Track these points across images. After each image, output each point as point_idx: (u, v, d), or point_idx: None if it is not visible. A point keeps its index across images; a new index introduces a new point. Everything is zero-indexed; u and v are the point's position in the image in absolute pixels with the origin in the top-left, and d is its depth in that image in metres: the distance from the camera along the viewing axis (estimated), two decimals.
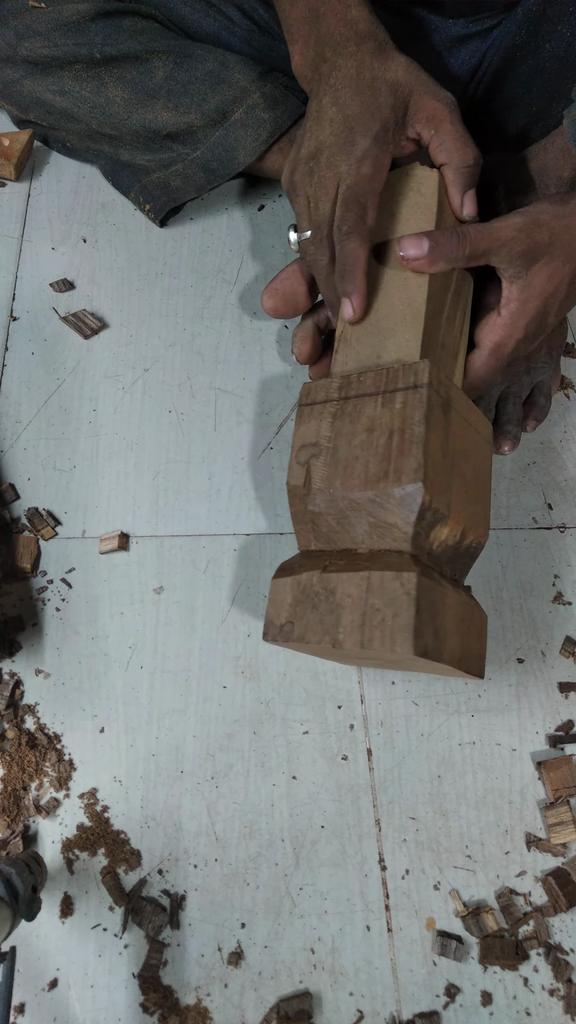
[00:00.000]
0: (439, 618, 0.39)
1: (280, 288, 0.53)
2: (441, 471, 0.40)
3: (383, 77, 0.47)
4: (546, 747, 0.51)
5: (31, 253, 0.71)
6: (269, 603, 0.44)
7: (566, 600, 0.56)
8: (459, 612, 0.40)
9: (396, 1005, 0.43)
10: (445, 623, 0.39)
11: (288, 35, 0.53)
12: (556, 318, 0.50)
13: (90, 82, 0.65)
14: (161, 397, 0.63)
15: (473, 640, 0.41)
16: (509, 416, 0.58)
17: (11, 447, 0.60)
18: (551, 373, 0.60)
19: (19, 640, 0.53)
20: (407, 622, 0.37)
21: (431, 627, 0.38)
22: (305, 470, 0.45)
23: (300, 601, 0.42)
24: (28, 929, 0.44)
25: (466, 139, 0.47)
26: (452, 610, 0.40)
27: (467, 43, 0.60)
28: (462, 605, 0.41)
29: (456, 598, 0.40)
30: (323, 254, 0.49)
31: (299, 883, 0.46)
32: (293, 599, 0.43)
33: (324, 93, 0.48)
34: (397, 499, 0.39)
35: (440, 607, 0.39)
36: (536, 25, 0.54)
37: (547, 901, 0.46)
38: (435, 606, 0.38)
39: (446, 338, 0.47)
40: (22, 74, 0.67)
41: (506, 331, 0.48)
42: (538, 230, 0.45)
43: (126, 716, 0.51)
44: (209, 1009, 0.43)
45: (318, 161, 0.48)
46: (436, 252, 0.44)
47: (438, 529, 0.40)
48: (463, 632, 0.40)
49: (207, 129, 0.65)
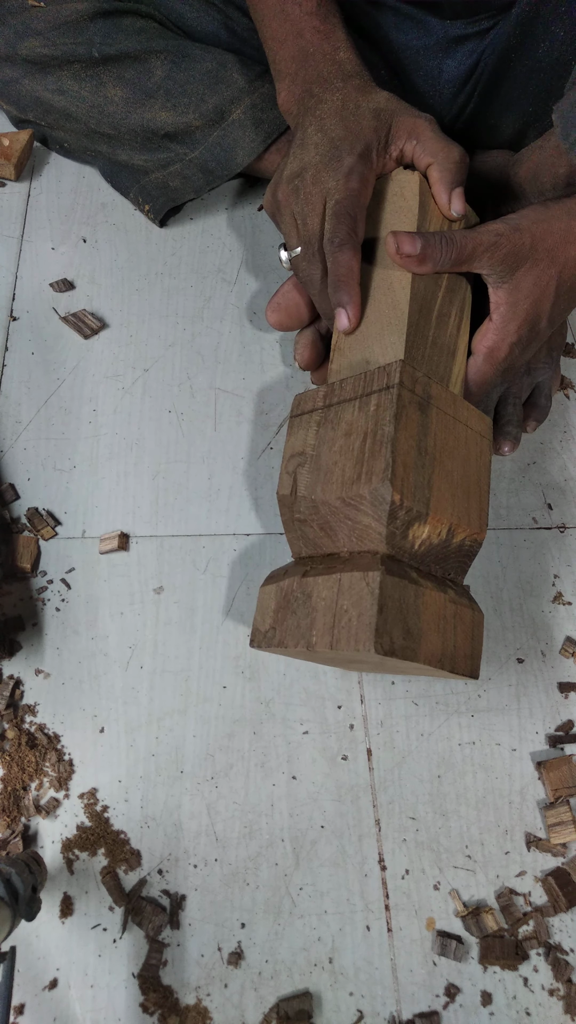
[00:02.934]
0: (410, 616, 0.38)
1: (282, 303, 0.54)
2: (414, 469, 0.40)
3: (366, 106, 0.49)
4: (546, 747, 0.51)
5: (31, 253, 0.71)
6: (256, 610, 0.45)
7: (566, 600, 0.56)
8: (440, 610, 0.40)
9: (396, 1005, 0.43)
10: (420, 622, 0.39)
11: (276, 73, 0.54)
12: (550, 323, 0.50)
13: (89, 81, 0.65)
14: (161, 397, 0.63)
15: (460, 639, 0.41)
16: (509, 417, 0.58)
17: (11, 447, 0.60)
18: (551, 374, 0.60)
19: (19, 640, 0.53)
20: (370, 620, 0.37)
21: (400, 626, 0.38)
22: (292, 479, 0.45)
23: (282, 607, 0.43)
24: (28, 929, 0.45)
25: (448, 140, 0.48)
26: (431, 608, 0.39)
27: (464, 44, 0.60)
28: (445, 603, 0.40)
29: (437, 596, 0.40)
30: (315, 268, 0.49)
31: (299, 883, 0.46)
32: (276, 605, 0.43)
33: (309, 123, 0.50)
34: (369, 500, 0.40)
35: (412, 605, 0.39)
36: (530, 26, 0.54)
37: (547, 901, 0.46)
38: (404, 604, 0.38)
39: (439, 336, 0.47)
40: (21, 73, 0.67)
41: (498, 335, 0.48)
42: (518, 235, 0.46)
43: (126, 716, 0.51)
44: (209, 1009, 0.43)
45: (303, 179, 0.49)
46: (426, 253, 0.45)
47: (416, 528, 0.40)
48: (445, 631, 0.40)
49: (205, 129, 0.65)
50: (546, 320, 0.50)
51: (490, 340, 0.48)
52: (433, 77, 0.63)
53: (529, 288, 0.47)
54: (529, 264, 0.47)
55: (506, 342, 0.48)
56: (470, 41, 0.60)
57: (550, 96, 0.57)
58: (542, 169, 0.53)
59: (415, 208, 0.48)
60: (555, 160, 0.52)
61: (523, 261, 0.46)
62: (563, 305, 0.50)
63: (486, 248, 0.45)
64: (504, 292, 0.47)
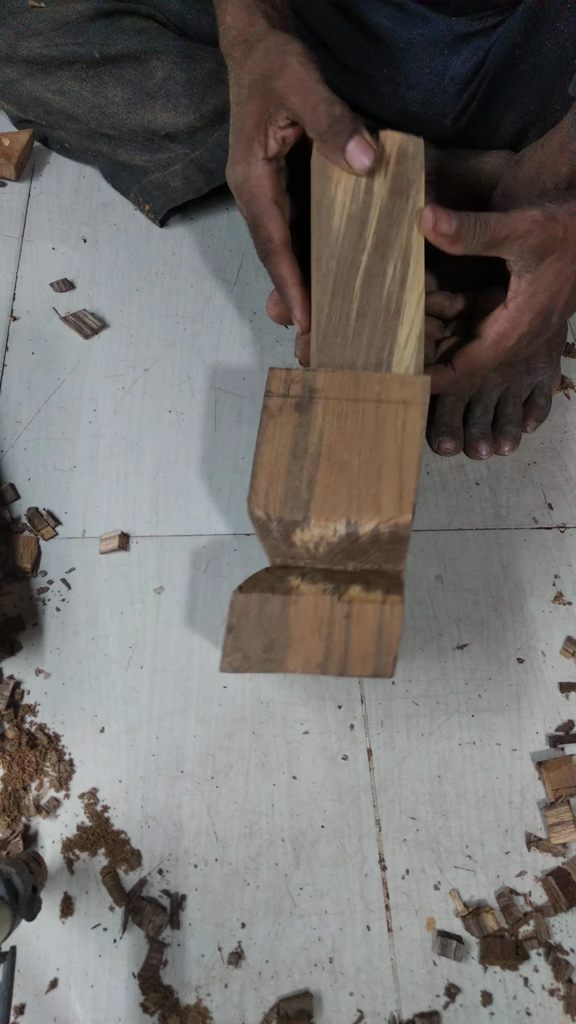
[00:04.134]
0: (275, 629, 0.40)
1: None
2: (285, 477, 0.40)
3: (243, 83, 0.46)
4: (546, 747, 0.51)
5: (31, 253, 0.71)
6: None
7: (566, 600, 0.56)
8: (321, 613, 0.40)
9: (396, 1005, 0.43)
10: (287, 631, 0.40)
11: None
12: (560, 318, 0.50)
13: (89, 82, 0.65)
14: (161, 397, 0.63)
15: (357, 639, 0.40)
16: (509, 417, 0.58)
17: (11, 447, 0.60)
18: (551, 373, 0.60)
19: (19, 640, 0.53)
20: (224, 641, 0.40)
21: (259, 640, 0.40)
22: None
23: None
24: (28, 929, 0.45)
25: (313, 103, 0.42)
26: (305, 614, 0.40)
27: (470, 41, 0.60)
28: (331, 605, 0.40)
29: (315, 601, 0.40)
30: (271, 272, 0.49)
31: (299, 883, 0.46)
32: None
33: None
34: (250, 517, 0.41)
35: (277, 616, 0.40)
36: (536, 23, 0.54)
37: (547, 901, 0.46)
38: (264, 618, 0.40)
39: (368, 303, 0.44)
40: (22, 74, 0.67)
41: (510, 323, 0.47)
42: (554, 225, 0.44)
43: (126, 716, 0.51)
44: (209, 1009, 0.43)
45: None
46: (460, 234, 0.43)
47: (299, 533, 0.40)
48: (332, 633, 0.40)
49: (206, 130, 0.65)
50: (558, 314, 0.49)
51: (502, 327, 0.47)
52: (438, 75, 0.63)
53: (550, 280, 0.46)
54: (556, 255, 0.45)
55: (517, 331, 0.48)
56: (476, 39, 0.60)
57: (552, 94, 0.57)
58: (544, 168, 0.52)
59: (314, 181, 0.45)
60: (557, 159, 0.51)
61: (552, 251, 0.45)
62: (575, 301, 0.50)
63: (520, 235, 0.44)
64: (526, 282, 0.46)
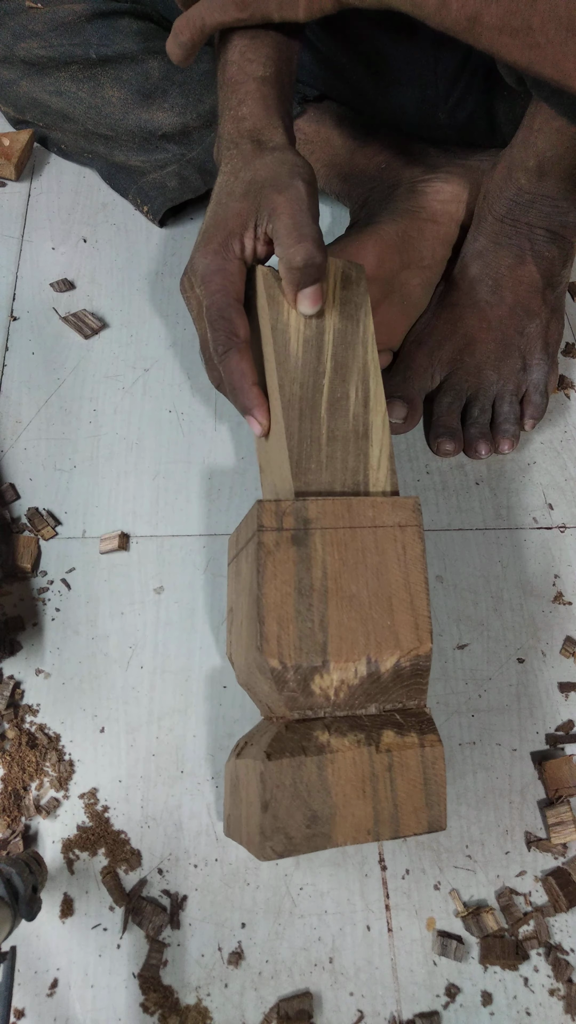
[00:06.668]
0: (315, 797, 0.34)
1: None
2: (295, 619, 0.36)
3: (243, 177, 0.45)
4: (546, 747, 0.51)
5: (31, 253, 0.71)
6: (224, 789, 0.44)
7: (566, 600, 0.55)
8: (364, 770, 0.35)
9: (396, 1005, 0.43)
10: (330, 798, 0.35)
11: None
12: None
13: (86, 83, 0.65)
14: (161, 397, 0.63)
15: (404, 792, 0.36)
16: (506, 415, 0.57)
17: (11, 447, 0.60)
18: (547, 370, 0.60)
19: (19, 640, 0.53)
20: (256, 823, 0.34)
21: (301, 813, 0.34)
22: (231, 638, 0.43)
23: (230, 793, 0.42)
24: (28, 929, 0.45)
25: (300, 233, 0.42)
26: (345, 773, 0.35)
27: None
28: (371, 759, 0.36)
29: (354, 755, 0.35)
30: (215, 374, 0.48)
31: (299, 883, 0.46)
32: (229, 789, 0.42)
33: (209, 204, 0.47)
34: (257, 669, 0.37)
35: (315, 782, 0.35)
36: None
37: (547, 901, 0.46)
38: (302, 785, 0.34)
39: (336, 427, 0.42)
40: (19, 75, 0.67)
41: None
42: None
43: (126, 716, 0.51)
44: (209, 1009, 0.43)
45: (182, 283, 0.47)
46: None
47: (319, 680, 0.36)
48: (377, 791, 0.35)
49: (203, 130, 0.65)
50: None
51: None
52: (429, 68, 0.62)
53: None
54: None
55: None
56: None
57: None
58: (515, 165, 0.53)
59: (265, 307, 0.44)
60: (524, 154, 0.52)
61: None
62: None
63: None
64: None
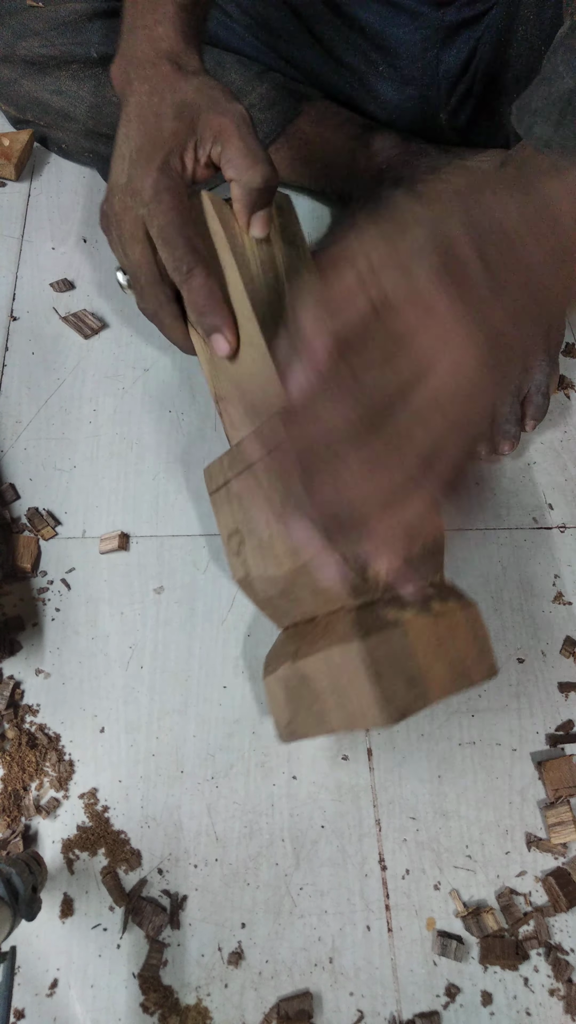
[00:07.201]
0: (408, 663, 0.36)
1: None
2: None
3: (171, 99, 0.44)
4: (546, 747, 0.51)
5: (31, 253, 0.71)
6: (269, 703, 0.43)
7: (566, 600, 0.56)
8: (433, 634, 0.38)
9: (396, 1005, 0.43)
10: (418, 661, 0.36)
11: (116, 46, 0.50)
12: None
13: (88, 82, 0.65)
14: (161, 397, 0.63)
15: (464, 648, 0.38)
16: (507, 416, 0.58)
17: (11, 447, 0.60)
18: (548, 371, 0.60)
19: (19, 640, 0.53)
20: (371, 694, 0.35)
21: (401, 679, 0.36)
22: (241, 560, 0.44)
23: (290, 698, 0.41)
24: (28, 929, 0.45)
25: (255, 155, 0.43)
26: (422, 639, 0.37)
27: (461, 32, 0.60)
28: (436, 623, 0.38)
29: (422, 622, 0.38)
30: (152, 302, 0.46)
31: (299, 883, 0.46)
32: (284, 696, 0.42)
33: (122, 123, 0.46)
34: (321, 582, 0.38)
35: (403, 651, 0.36)
36: (516, 7, 0.54)
37: (547, 901, 0.46)
38: (396, 655, 0.36)
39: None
40: (19, 74, 0.67)
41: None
42: None
43: (126, 716, 0.51)
44: (209, 1009, 0.43)
45: (111, 205, 0.46)
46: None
47: (372, 569, 0.38)
48: (448, 650, 0.38)
49: None
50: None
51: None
52: (431, 69, 0.62)
53: None
54: None
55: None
56: (467, 29, 0.59)
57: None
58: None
59: (220, 231, 0.45)
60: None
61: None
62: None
63: None
64: None
